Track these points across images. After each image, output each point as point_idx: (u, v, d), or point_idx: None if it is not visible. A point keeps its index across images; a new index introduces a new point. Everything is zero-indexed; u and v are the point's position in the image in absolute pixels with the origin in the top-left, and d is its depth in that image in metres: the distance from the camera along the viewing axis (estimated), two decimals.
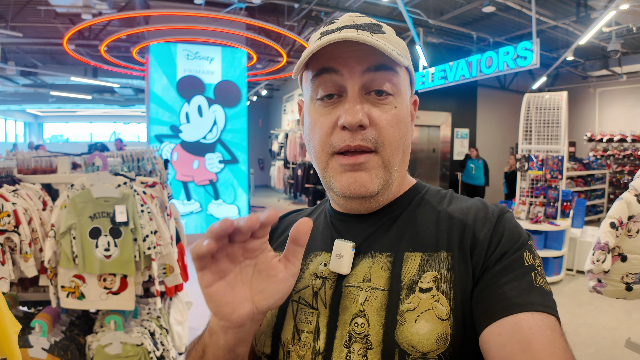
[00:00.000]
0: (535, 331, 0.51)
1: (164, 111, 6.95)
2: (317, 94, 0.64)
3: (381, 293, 0.60)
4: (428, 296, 0.58)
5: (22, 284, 2.26)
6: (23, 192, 2.14)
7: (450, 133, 10.61)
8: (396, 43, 0.65)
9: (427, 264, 0.61)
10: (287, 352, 0.64)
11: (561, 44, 8.47)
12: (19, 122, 20.95)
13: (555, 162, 5.15)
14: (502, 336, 0.52)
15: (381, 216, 0.68)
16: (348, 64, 0.61)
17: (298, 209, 0.87)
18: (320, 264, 0.68)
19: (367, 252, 0.65)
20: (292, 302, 0.67)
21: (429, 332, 0.55)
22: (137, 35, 7.18)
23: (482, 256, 0.59)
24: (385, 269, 0.62)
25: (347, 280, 0.64)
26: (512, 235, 0.61)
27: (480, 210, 0.65)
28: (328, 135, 0.63)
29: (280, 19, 7.86)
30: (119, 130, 22.52)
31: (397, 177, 0.67)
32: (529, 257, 0.59)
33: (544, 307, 0.54)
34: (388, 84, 0.63)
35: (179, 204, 7.07)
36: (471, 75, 6.78)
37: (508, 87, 11.69)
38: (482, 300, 0.56)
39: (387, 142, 0.63)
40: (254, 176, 13.66)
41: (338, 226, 0.71)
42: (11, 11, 7.04)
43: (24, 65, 10.89)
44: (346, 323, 0.60)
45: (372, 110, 0.62)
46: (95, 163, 2.15)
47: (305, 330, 0.63)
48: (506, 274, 0.57)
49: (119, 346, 2.06)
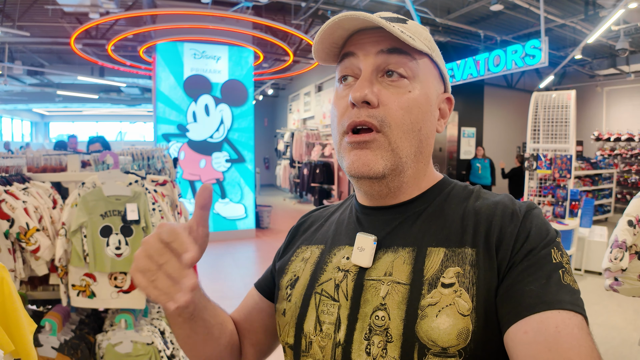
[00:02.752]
0: (562, 329, 0.51)
1: (171, 110, 6.97)
2: (338, 77, 0.68)
3: (403, 287, 0.60)
4: (450, 291, 0.57)
5: (31, 282, 2.27)
6: (33, 191, 2.15)
7: (457, 132, 10.57)
8: (417, 32, 0.66)
9: (450, 259, 0.60)
10: (309, 342, 0.65)
11: (569, 43, 8.42)
12: (25, 121, 21.10)
13: (563, 161, 5.12)
14: (528, 334, 0.51)
15: (405, 210, 0.68)
16: (364, 47, 0.64)
17: (325, 205, 0.88)
18: (343, 257, 0.68)
19: (390, 246, 0.65)
20: (315, 294, 0.67)
21: (450, 327, 0.55)
22: (144, 35, 7.20)
23: (509, 252, 0.58)
24: (407, 263, 0.62)
25: (368, 273, 0.64)
26: (539, 231, 0.60)
27: (507, 207, 0.64)
28: (342, 115, 0.65)
29: (287, 17, 7.86)
30: (125, 129, 22.62)
31: (411, 166, 0.66)
32: (557, 254, 0.58)
33: (572, 306, 0.53)
34: (402, 67, 0.63)
35: (187, 203, 7.09)
36: (479, 74, 6.76)
37: (515, 86, 11.63)
38: (508, 298, 0.55)
39: (394, 124, 0.62)
40: (260, 175, 13.68)
41: (362, 219, 0.71)
42: (18, 10, 7.09)
43: (31, 65, 10.97)
44: (367, 316, 0.61)
45: (383, 91, 0.63)
46: (105, 161, 2.16)
47: (326, 322, 0.64)
48: (533, 271, 0.56)
49: (130, 345, 2.07)
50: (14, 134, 20.07)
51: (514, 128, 11.41)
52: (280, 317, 0.71)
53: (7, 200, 1.86)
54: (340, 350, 0.61)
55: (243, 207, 7.59)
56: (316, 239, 0.76)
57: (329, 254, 0.71)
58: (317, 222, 0.82)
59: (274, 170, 14.73)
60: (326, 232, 0.76)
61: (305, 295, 0.68)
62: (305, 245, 0.77)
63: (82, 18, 6.85)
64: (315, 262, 0.71)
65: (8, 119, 19.73)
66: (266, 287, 0.82)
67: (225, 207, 7.46)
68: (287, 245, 0.83)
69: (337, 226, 0.75)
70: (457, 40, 9.03)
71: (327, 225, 0.78)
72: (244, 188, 7.56)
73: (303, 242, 0.78)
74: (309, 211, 0.88)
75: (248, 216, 7.64)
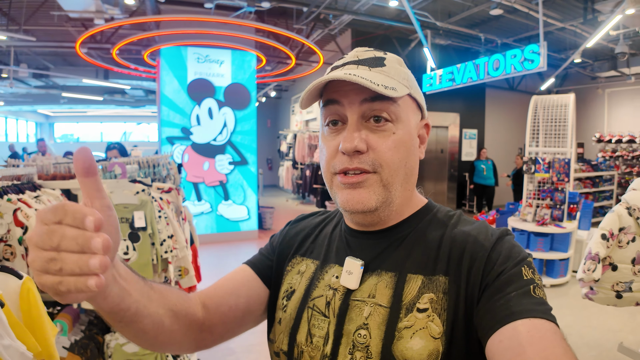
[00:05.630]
0: (535, 334, 0.54)
1: (175, 113, 7.08)
2: (325, 120, 0.73)
3: (383, 310, 0.67)
4: (424, 316, 0.64)
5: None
6: (44, 198, 2.24)
7: (458, 133, 10.62)
8: (396, 74, 0.71)
9: (426, 286, 0.66)
10: (300, 352, 0.72)
11: (569, 45, 8.47)
12: (30, 122, 21.27)
13: (561, 165, 5.18)
14: (503, 342, 0.55)
15: (391, 235, 0.74)
16: (348, 95, 0.68)
17: (309, 214, 0.93)
18: (333, 276, 0.75)
19: (375, 270, 0.71)
20: (308, 309, 0.74)
21: (421, 348, 0.62)
22: (149, 39, 7.30)
23: (479, 276, 0.63)
24: (389, 287, 0.68)
25: (354, 294, 0.71)
26: (509, 254, 0.65)
27: (481, 233, 0.69)
28: (332, 158, 0.70)
29: (289, 21, 7.94)
30: (130, 129, 22.78)
31: (399, 196, 0.71)
32: (528, 272, 0.62)
33: (543, 314, 0.57)
34: (385, 112, 0.68)
35: (190, 205, 7.20)
36: (479, 78, 6.83)
37: (517, 87, 11.67)
38: (484, 315, 0.60)
39: (385, 164, 0.68)
40: (263, 176, 13.76)
41: (351, 242, 0.77)
42: (24, 15, 7.20)
43: (36, 68, 11.06)
44: (351, 333, 0.68)
45: (371, 136, 0.68)
46: (114, 171, 2.26)
47: (316, 335, 0.71)
48: (505, 287, 0.60)
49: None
50: (19, 134, 20.25)
51: (515, 130, 11.45)
52: (276, 325, 0.78)
53: (22, 208, 1.96)
54: None
55: (246, 209, 7.69)
56: (312, 253, 0.83)
57: (321, 270, 0.78)
58: (309, 229, 0.87)
59: (277, 171, 14.82)
60: (320, 246, 0.83)
61: (299, 308, 0.76)
62: (300, 256, 0.84)
63: (87, 23, 6.96)
64: (310, 278, 0.78)
65: (13, 120, 19.91)
66: (261, 269, 0.84)
67: (228, 208, 7.56)
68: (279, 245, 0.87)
69: (330, 243, 0.82)
70: (458, 43, 9.10)
71: (321, 239, 0.84)
72: (247, 190, 7.66)
73: (297, 252, 0.84)
74: (293, 220, 0.93)
75: (251, 218, 7.74)
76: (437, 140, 10.66)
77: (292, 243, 0.87)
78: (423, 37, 7.17)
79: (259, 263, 0.86)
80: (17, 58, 10.12)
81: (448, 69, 7.45)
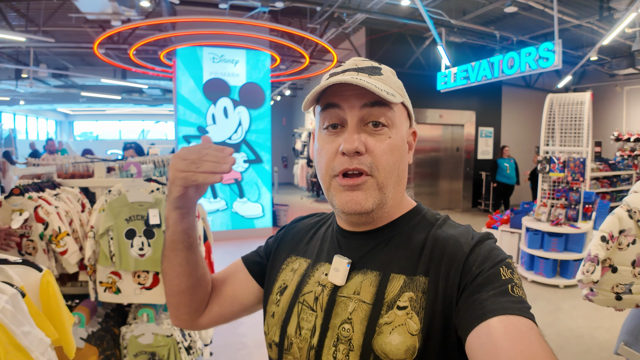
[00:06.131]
0: (511, 329, 0.56)
1: (191, 113, 7.20)
2: (323, 124, 0.76)
3: (366, 306, 0.71)
4: (403, 313, 0.67)
5: (60, 279, 2.48)
6: (64, 196, 2.35)
7: (474, 132, 10.54)
8: (392, 83, 0.76)
9: (407, 285, 0.70)
10: (290, 343, 0.77)
11: (586, 43, 8.33)
12: (50, 120, 21.78)
13: (576, 164, 5.13)
14: (481, 338, 0.57)
15: (378, 236, 0.78)
16: (349, 100, 0.72)
17: (316, 214, 0.99)
18: (323, 273, 0.80)
19: (361, 269, 0.75)
20: (298, 304, 0.79)
21: (399, 343, 0.65)
22: (165, 40, 7.43)
23: (458, 277, 0.66)
24: (373, 285, 0.72)
25: (341, 290, 0.75)
26: (488, 255, 0.67)
27: (462, 236, 0.72)
28: (331, 160, 0.74)
29: (303, 21, 7.99)
30: (147, 128, 23.14)
31: (391, 198, 0.75)
32: (506, 272, 0.65)
33: (520, 312, 0.58)
34: (383, 117, 0.72)
35: (206, 202, 7.32)
36: (493, 76, 6.78)
37: (533, 85, 11.53)
38: (463, 314, 0.62)
39: (381, 167, 0.72)
40: (278, 174, 13.86)
41: (341, 242, 0.82)
42: (42, 16, 7.40)
43: (55, 68, 11.32)
44: (336, 326, 0.72)
45: (369, 139, 0.72)
46: (130, 170, 2.34)
47: (305, 328, 0.76)
48: (483, 287, 0.63)
49: (151, 336, 2.26)
50: (39, 132, 20.74)
51: (532, 128, 11.30)
52: (270, 319, 0.83)
53: (43, 205, 2.06)
54: (314, 353, 0.73)
55: (260, 206, 7.78)
56: (305, 252, 0.88)
57: (312, 268, 0.83)
58: (304, 231, 0.93)
59: (292, 169, 14.91)
60: (314, 246, 0.87)
61: (291, 303, 0.80)
62: (295, 255, 0.89)
63: (105, 24, 7.11)
64: (302, 275, 0.83)
65: (33, 119, 20.42)
66: (251, 265, 0.94)
67: (243, 206, 7.67)
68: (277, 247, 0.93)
69: (322, 243, 0.86)
70: (473, 41, 9.03)
71: (315, 240, 0.89)
72: (262, 188, 7.76)
73: (293, 252, 0.90)
74: (295, 219, 0.99)
75: (265, 215, 7.83)
76: (453, 139, 10.59)
77: (288, 244, 0.92)
78: (437, 35, 7.15)
79: (251, 258, 0.96)
80: (37, 58, 10.38)
81: (462, 67, 7.41)
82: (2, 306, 0.97)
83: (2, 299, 0.98)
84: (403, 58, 9.45)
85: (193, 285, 0.86)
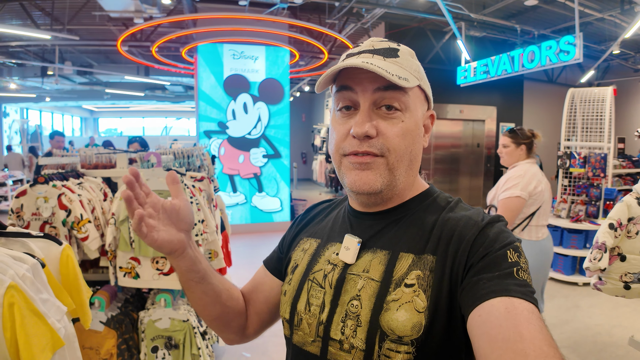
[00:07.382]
0: (512, 310, 0.56)
1: (212, 108, 7.33)
2: (337, 105, 0.77)
3: (375, 283, 0.72)
4: (410, 291, 0.68)
5: (82, 265, 2.59)
6: (87, 185, 2.45)
7: (495, 127, 10.39)
8: (408, 66, 0.76)
9: (416, 264, 0.71)
10: (300, 319, 0.80)
11: (609, 37, 8.12)
12: (75, 117, 22.37)
13: (597, 160, 5.03)
14: (482, 317, 0.58)
15: (389, 216, 0.79)
16: (362, 83, 0.73)
17: (328, 200, 1.02)
18: (334, 252, 0.81)
19: (371, 248, 0.77)
20: (308, 281, 0.81)
21: (406, 320, 0.66)
22: (186, 37, 7.57)
23: (465, 256, 0.67)
24: (382, 264, 0.74)
25: (351, 268, 0.77)
26: (496, 237, 0.67)
27: (472, 218, 0.72)
28: (342, 140, 0.75)
29: (322, 16, 8.02)
30: (170, 124, 23.54)
31: (402, 181, 0.76)
32: (513, 255, 0.65)
33: (522, 295, 0.59)
34: (396, 101, 0.73)
35: (225, 196, 7.45)
36: (513, 70, 6.68)
37: (556, 80, 11.28)
38: (467, 293, 0.63)
39: (392, 150, 0.73)
40: (297, 170, 13.95)
41: (352, 221, 0.83)
42: (67, 15, 7.62)
43: (80, 65, 11.62)
44: (345, 303, 0.74)
45: (381, 123, 0.73)
46: (150, 160, 2.43)
47: (314, 304, 0.78)
48: (489, 269, 0.63)
49: (168, 321, 2.34)
50: (64, 129, 21.32)
51: (555, 123, 11.04)
52: (282, 297, 0.87)
53: (66, 193, 2.16)
54: (322, 328, 0.75)
55: (279, 201, 7.87)
56: (315, 233, 0.90)
57: (323, 248, 0.85)
58: (320, 215, 0.96)
59: (311, 165, 14.98)
60: (324, 227, 0.90)
61: (301, 281, 0.83)
62: (306, 237, 0.92)
63: (128, 22, 7.28)
64: (312, 254, 0.85)
65: (59, 115, 21.00)
66: (272, 265, 0.97)
67: (262, 200, 7.77)
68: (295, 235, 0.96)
69: (333, 224, 0.88)
70: (493, 35, 8.90)
71: (326, 222, 0.91)
72: (280, 182, 7.84)
73: (304, 234, 0.93)
74: (312, 205, 1.02)
75: (283, 209, 7.92)
76: (474, 135, 10.46)
77: (301, 229, 0.96)
78: (456, 29, 7.08)
79: (270, 260, 1.00)
80: (62, 56, 10.66)
81: (482, 61, 7.32)
82: (22, 273, 1.04)
83: (23, 267, 1.06)
84: (423, 53, 9.37)
85: (223, 311, 0.89)
